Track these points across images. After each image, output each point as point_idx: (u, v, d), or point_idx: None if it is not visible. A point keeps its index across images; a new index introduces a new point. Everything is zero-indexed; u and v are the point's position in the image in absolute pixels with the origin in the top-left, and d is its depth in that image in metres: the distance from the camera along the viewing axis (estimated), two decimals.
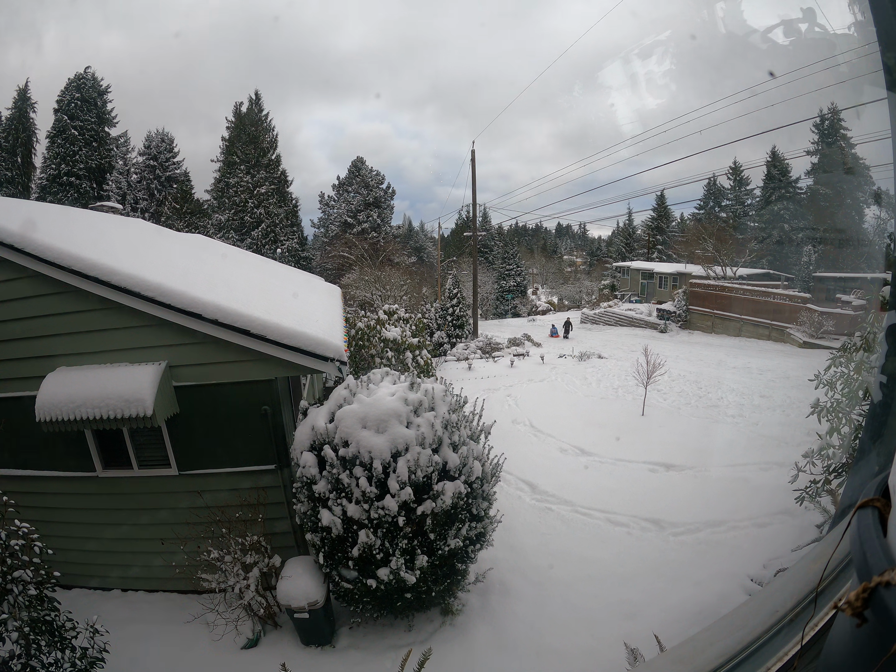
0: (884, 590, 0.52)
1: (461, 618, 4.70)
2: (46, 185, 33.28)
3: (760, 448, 8.36)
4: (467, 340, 21.45)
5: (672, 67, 33.33)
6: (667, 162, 41.35)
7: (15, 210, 6.28)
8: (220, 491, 4.94)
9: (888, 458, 1.11)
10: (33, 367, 4.77)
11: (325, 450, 4.22)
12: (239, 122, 37.83)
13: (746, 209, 39.68)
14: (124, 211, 21.84)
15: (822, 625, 0.88)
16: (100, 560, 5.29)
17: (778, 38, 19.25)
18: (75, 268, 4.56)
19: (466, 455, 4.43)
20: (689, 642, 1.00)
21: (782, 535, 5.38)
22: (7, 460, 5.10)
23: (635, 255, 47.37)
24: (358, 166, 41.93)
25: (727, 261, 28.07)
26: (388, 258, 33.06)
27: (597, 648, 4.12)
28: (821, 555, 1.04)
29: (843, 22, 8.69)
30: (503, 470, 5.31)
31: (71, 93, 34.02)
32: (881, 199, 16.32)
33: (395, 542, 4.15)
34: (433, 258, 42.70)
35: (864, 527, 0.62)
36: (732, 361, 16.21)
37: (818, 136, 33.07)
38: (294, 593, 4.30)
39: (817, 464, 4.90)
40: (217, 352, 4.78)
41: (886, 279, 4.60)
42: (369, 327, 11.38)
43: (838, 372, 4.89)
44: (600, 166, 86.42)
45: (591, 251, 62.24)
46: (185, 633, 4.58)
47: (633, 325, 25.79)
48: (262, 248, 34.83)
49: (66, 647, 3.26)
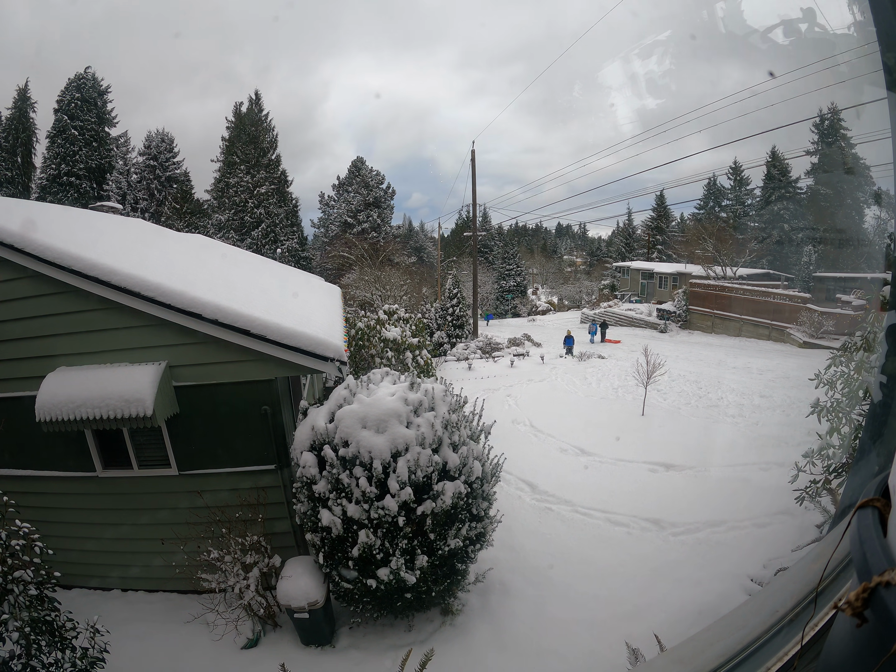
0: (884, 590, 0.52)
1: (461, 618, 4.70)
2: (46, 185, 33.27)
3: (760, 448, 8.36)
4: (467, 340, 21.45)
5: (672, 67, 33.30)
6: (672, 159, 40.95)
7: (15, 210, 6.27)
8: (220, 491, 4.94)
9: (888, 458, 1.12)
10: (33, 367, 4.77)
11: (325, 450, 4.22)
12: (239, 122, 37.82)
13: (746, 209, 39.68)
14: (124, 211, 21.85)
15: (822, 625, 0.88)
16: (100, 560, 5.29)
17: (778, 38, 19.26)
18: (75, 268, 4.57)
19: (466, 455, 4.43)
20: (690, 642, 1.00)
21: (782, 535, 5.38)
22: (7, 460, 5.10)
23: (635, 255, 47.36)
24: (358, 166, 41.94)
25: (727, 261, 28.07)
26: (388, 258, 33.03)
27: (597, 648, 4.12)
28: (821, 555, 1.05)
29: (843, 22, 8.69)
30: (503, 470, 5.30)
31: (71, 93, 34.02)
32: (881, 199, 16.32)
33: (395, 542, 4.15)
34: (433, 258, 42.70)
35: (864, 527, 0.62)
36: (732, 361, 16.21)
37: (818, 136, 33.08)
38: (294, 593, 4.30)
39: (817, 464, 4.90)
40: (217, 352, 4.78)
41: (886, 279, 4.60)
42: (369, 327, 11.37)
43: (838, 372, 4.89)
44: (602, 165, 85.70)
45: (591, 251, 62.21)
46: (185, 633, 4.58)
47: (633, 325, 25.80)
48: (262, 248, 34.83)
49: (66, 647, 3.26)
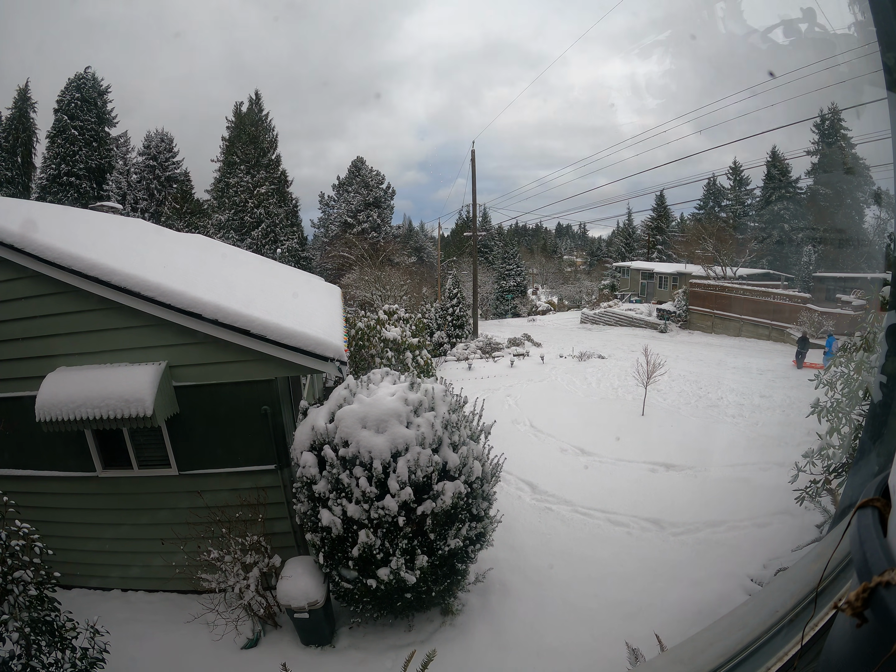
0: (884, 590, 0.52)
1: (461, 618, 4.70)
2: (46, 185, 33.25)
3: (760, 448, 8.36)
4: (467, 340, 21.44)
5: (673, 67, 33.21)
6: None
7: (15, 210, 6.28)
8: (220, 491, 4.94)
9: (888, 458, 1.12)
10: (33, 367, 4.77)
11: (325, 450, 4.22)
12: (239, 121, 37.82)
13: (746, 209, 39.68)
14: (124, 211, 21.85)
15: (822, 625, 0.88)
16: (100, 560, 5.29)
17: (779, 38, 19.25)
18: (75, 268, 4.57)
19: (466, 455, 4.43)
20: (689, 642, 1.00)
21: (782, 535, 5.38)
22: (7, 460, 5.10)
23: (635, 255, 47.37)
24: (358, 166, 41.91)
25: (727, 261, 28.07)
26: (388, 258, 33.03)
27: (597, 648, 4.12)
28: (821, 555, 1.04)
29: (843, 22, 8.68)
30: (503, 470, 5.31)
31: (71, 93, 34.01)
32: (881, 199, 16.31)
33: (395, 542, 4.15)
34: (433, 258, 42.69)
35: (864, 527, 0.62)
36: (732, 361, 16.21)
37: (818, 136, 33.10)
38: (294, 593, 4.30)
39: (817, 464, 4.90)
40: (217, 352, 4.78)
41: (886, 279, 4.60)
42: (369, 327, 11.38)
43: (838, 372, 4.89)
44: (605, 164, 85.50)
45: (591, 251, 62.27)
46: (185, 633, 4.58)
47: (633, 325, 25.78)
48: (262, 248, 34.82)
49: (66, 647, 3.26)
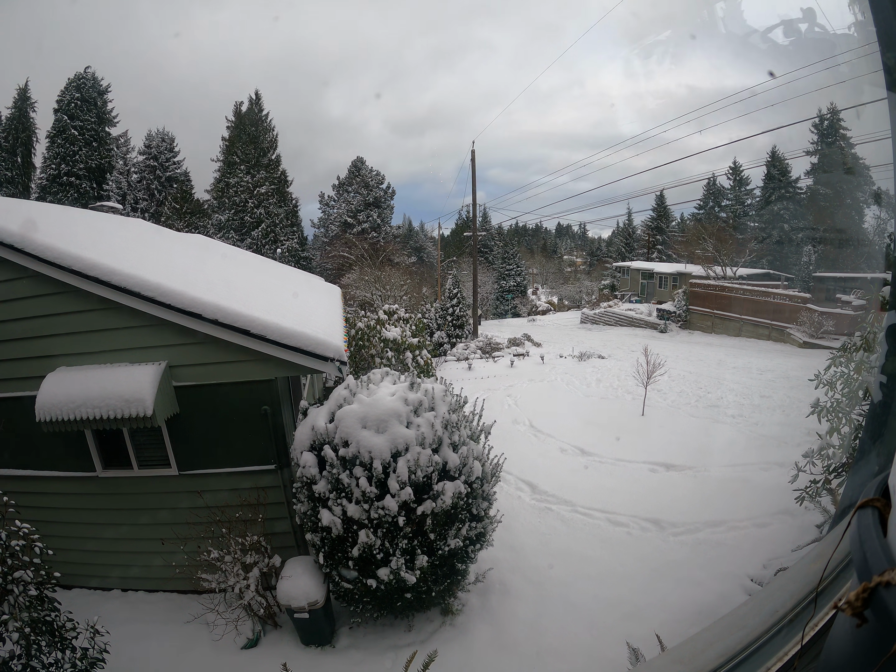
0: (884, 590, 0.52)
1: (461, 618, 4.70)
2: (46, 185, 33.26)
3: (760, 448, 8.35)
4: (467, 340, 21.43)
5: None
6: None
7: (15, 210, 6.27)
8: (220, 491, 4.94)
9: (888, 458, 1.12)
10: (33, 367, 4.77)
11: (325, 450, 4.22)
12: (239, 121, 37.84)
13: (746, 209, 39.69)
14: (124, 211, 21.84)
15: (822, 625, 0.88)
16: (100, 560, 5.29)
17: (778, 38, 19.25)
18: (75, 268, 4.56)
19: (466, 455, 4.43)
20: (689, 642, 1.00)
21: (782, 535, 5.38)
22: (7, 460, 5.10)
23: (635, 255, 47.38)
24: (358, 166, 41.92)
25: (727, 261, 28.06)
26: (388, 258, 33.04)
27: (597, 648, 4.11)
28: (821, 555, 1.05)
29: (843, 22, 8.69)
30: (503, 470, 5.30)
31: (71, 93, 34.01)
32: (881, 199, 16.31)
33: (395, 542, 4.15)
34: (433, 258, 42.71)
35: (864, 527, 0.62)
36: (732, 361, 16.20)
37: (818, 136, 33.10)
38: (294, 593, 4.30)
39: (817, 464, 4.89)
40: (217, 352, 4.77)
41: (886, 279, 4.59)
42: (369, 327, 11.37)
43: (838, 372, 4.88)
44: (607, 163, 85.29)
45: (591, 251, 62.28)
46: (185, 633, 4.58)
47: (633, 325, 25.79)
48: (262, 248, 34.83)
49: (66, 647, 3.26)
